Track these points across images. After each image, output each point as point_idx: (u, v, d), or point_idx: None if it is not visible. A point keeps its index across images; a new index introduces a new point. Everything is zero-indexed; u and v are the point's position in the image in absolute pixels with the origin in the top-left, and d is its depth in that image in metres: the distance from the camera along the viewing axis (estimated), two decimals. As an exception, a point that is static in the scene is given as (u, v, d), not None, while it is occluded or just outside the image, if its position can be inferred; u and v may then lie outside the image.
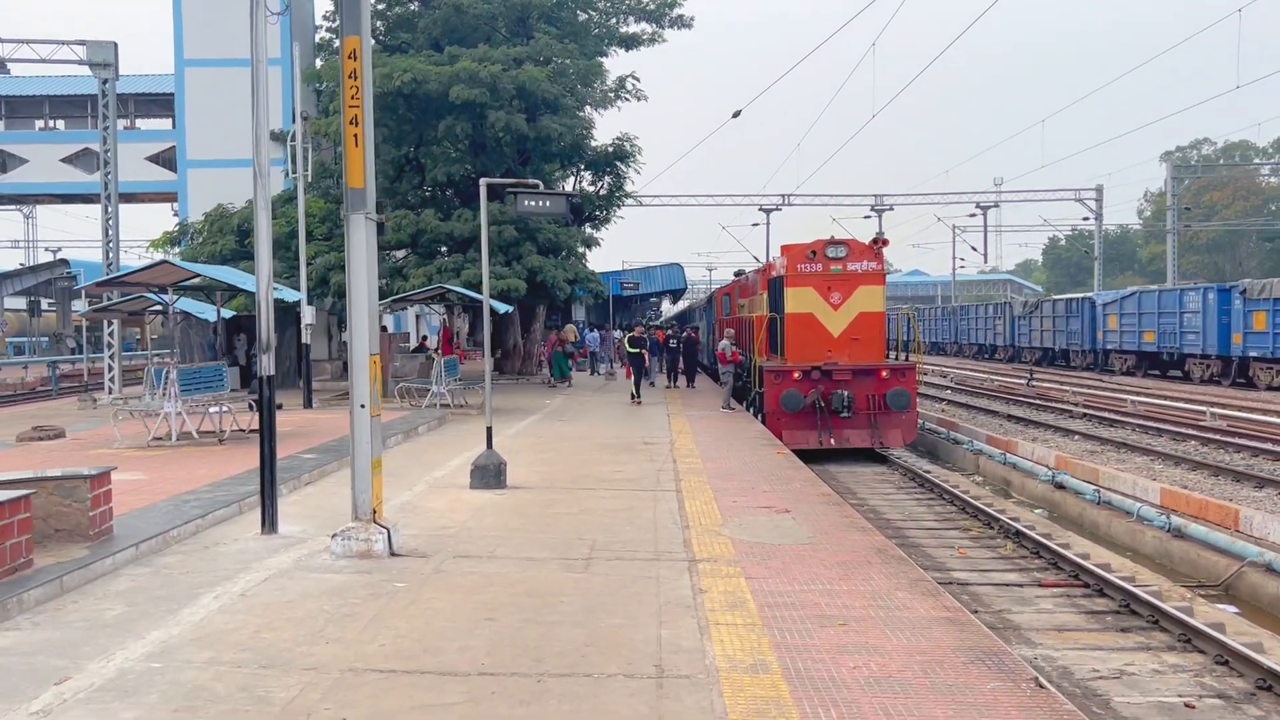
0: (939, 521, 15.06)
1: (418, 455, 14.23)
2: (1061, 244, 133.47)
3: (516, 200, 10.71)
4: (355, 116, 7.83)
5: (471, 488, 10.97)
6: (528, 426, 18.35)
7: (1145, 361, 40.33)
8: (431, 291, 21.44)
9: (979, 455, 20.25)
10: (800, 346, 20.96)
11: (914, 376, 21.11)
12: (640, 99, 30.10)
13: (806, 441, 20.28)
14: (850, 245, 21.25)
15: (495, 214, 26.34)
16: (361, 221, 7.88)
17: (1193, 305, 36.12)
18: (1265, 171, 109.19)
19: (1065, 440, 21.37)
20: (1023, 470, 18.03)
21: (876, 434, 20.57)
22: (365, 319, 7.82)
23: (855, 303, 20.96)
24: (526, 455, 14.12)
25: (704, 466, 13.09)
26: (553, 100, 26.57)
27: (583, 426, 18.44)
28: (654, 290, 54.10)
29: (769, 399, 20.66)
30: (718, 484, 11.60)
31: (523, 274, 26.25)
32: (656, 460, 13.66)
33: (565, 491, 11.02)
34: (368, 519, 7.85)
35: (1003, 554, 12.94)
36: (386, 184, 30.24)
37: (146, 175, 34.44)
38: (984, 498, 16.74)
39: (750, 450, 15.00)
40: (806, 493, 11.14)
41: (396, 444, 15.32)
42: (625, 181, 31.08)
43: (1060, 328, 47.64)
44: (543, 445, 15.42)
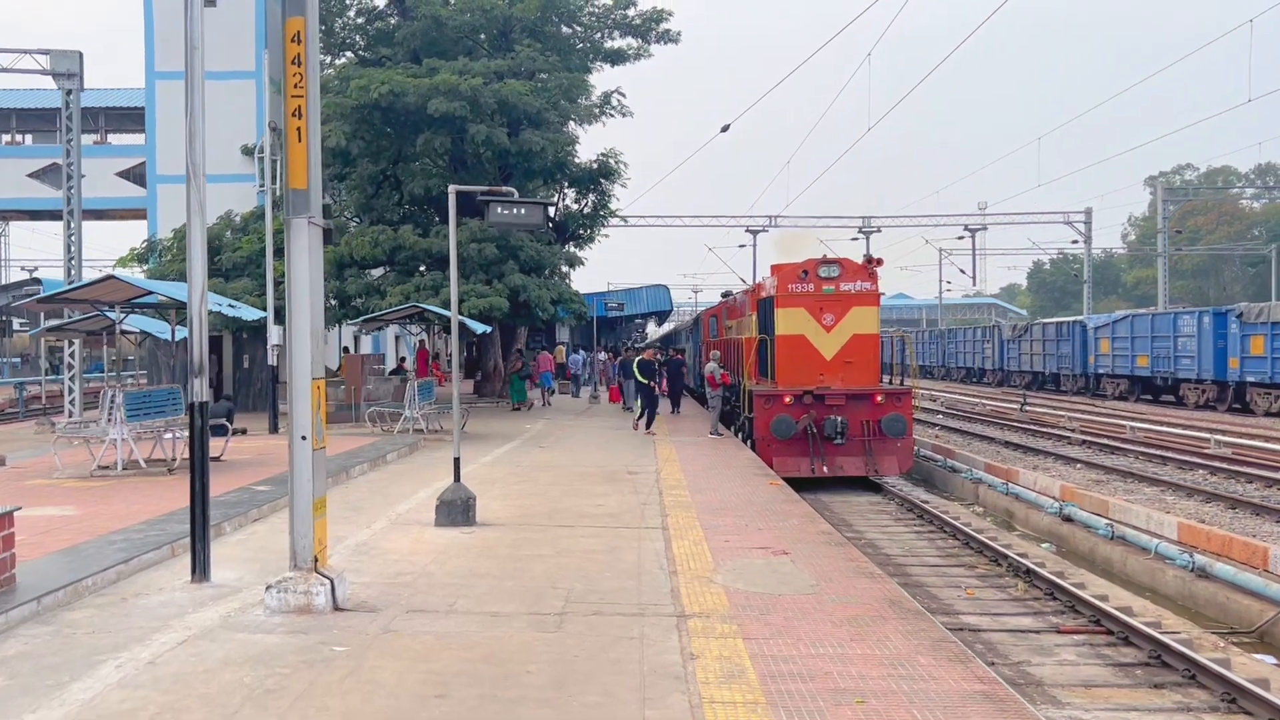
0: (942, 557, 14.11)
1: (383, 486, 13.18)
2: (1046, 268, 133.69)
3: (489, 209, 9.76)
4: (299, 108, 6.88)
5: (437, 525, 9.96)
6: (505, 454, 17.33)
7: (1138, 386, 39.63)
8: (406, 310, 20.45)
9: (978, 484, 19.33)
10: (791, 369, 20.06)
11: (910, 401, 20.22)
12: (626, 115, 29.34)
13: (798, 469, 19.36)
14: (843, 265, 20.40)
15: (476, 231, 25.43)
16: (304, 227, 6.91)
17: (1187, 329, 35.45)
18: (1249, 195, 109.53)
19: (1068, 469, 20.49)
20: (1026, 501, 17.11)
21: (871, 462, 19.65)
22: (307, 338, 6.83)
23: (848, 324, 20.09)
24: (501, 486, 13.11)
25: (692, 499, 12.10)
26: (535, 114, 25.71)
27: (563, 453, 17.44)
28: (639, 312, 53.21)
29: (759, 424, 19.71)
30: (708, 520, 10.62)
31: (504, 293, 25.29)
32: (641, 492, 12.67)
33: (540, 529, 10.02)
34: (308, 568, 6.83)
35: (1014, 595, 11.99)
36: (364, 199, 29.30)
37: (117, 191, 33.38)
38: (987, 531, 15.81)
39: (741, 481, 14.03)
40: (805, 530, 10.17)
41: (362, 474, 14.27)
42: (610, 199, 30.22)
43: (1050, 351, 46.98)
44: (519, 475, 14.41)
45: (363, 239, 25.84)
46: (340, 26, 30.71)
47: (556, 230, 30.40)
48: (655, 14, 29.78)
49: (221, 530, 9.61)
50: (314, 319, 6.90)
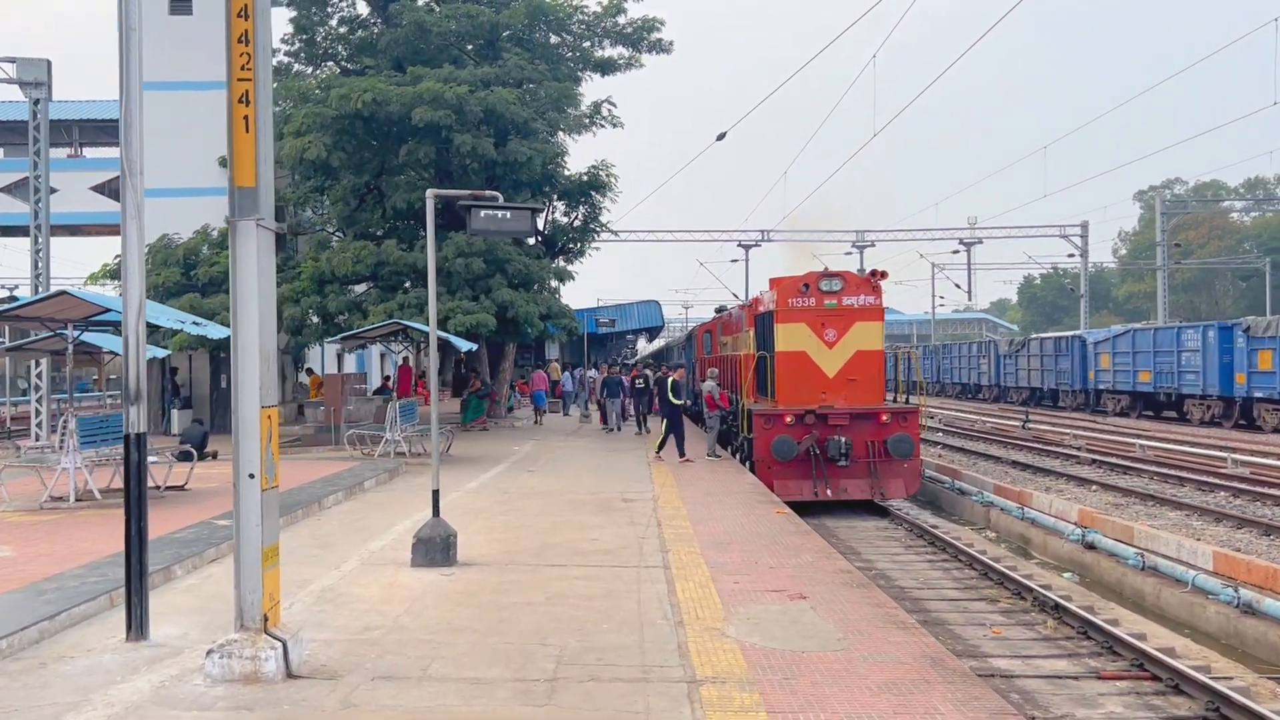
0: (960, 590, 13.16)
1: (358, 518, 12.17)
2: (1036, 282, 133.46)
3: (471, 216, 8.83)
4: (246, 93, 5.94)
5: (414, 566, 8.96)
6: (491, 479, 16.33)
7: (1140, 402, 38.84)
8: (388, 328, 19.45)
9: (989, 508, 18.41)
10: (792, 388, 19.14)
11: (916, 421, 19.30)
12: (616, 125, 28.47)
13: (800, 493, 18.41)
14: (846, 278, 19.52)
15: (462, 245, 24.48)
16: (252, 231, 5.96)
17: (1191, 344, 34.68)
18: (1239, 207, 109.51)
19: (1082, 490, 19.57)
20: (1044, 527, 16.19)
21: (877, 484, 18.72)
22: (255, 360, 5.86)
23: (852, 340, 19.19)
24: (485, 518, 12.11)
25: (694, 531, 11.13)
26: (523, 124, 24.81)
27: (553, 478, 16.45)
28: (630, 328, 52.30)
29: (759, 445, 18.77)
30: (713, 556, 9.65)
31: (492, 309, 24.32)
32: (638, 523, 11.69)
33: (528, 569, 9.02)
34: (256, 628, 5.84)
35: (1044, 633, 11.04)
36: (348, 212, 28.30)
37: (93, 206, 32.32)
38: (1004, 559, 14.88)
39: (745, 509, 13.06)
40: (821, 568, 9.21)
41: (336, 504, 13.25)
42: (600, 212, 29.30)
43: (1049, 367, 46.20)
44: (506, 503, 13.41)
45: (344, 255, 24.85)
46: (322, 37, 29.83)
47: (545, 244, 29.48)
48: (646, 23, 28.96)
49: (171, 574, 8.61)
50: (264, 337, 5.93)
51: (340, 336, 20.26)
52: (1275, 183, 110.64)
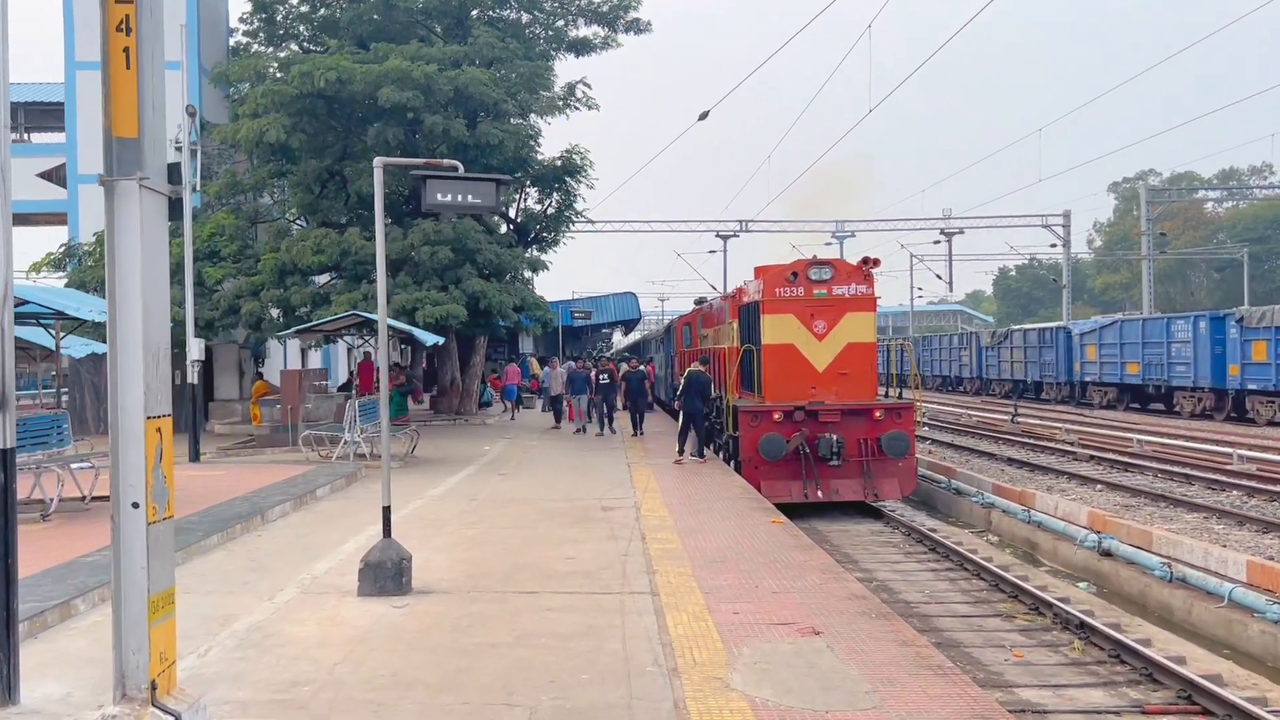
0: (969, 603, 12.05)
1: (305, 533, 10.89)
2: (1012, 275, 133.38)
3: (425, 190, 7.58)
4: (126, 18, 4.67)
5: (361, 595, 7.71)
6: (459, 484, 15.07)
7: (1127, 394, 38.09)
8: (346, 320, 18.10)
9: (990, 510, 17.35)
10: (780, 383, 17.99)
11: (912, 417, 18.21)
12: (592, 108, 27.14)
13: (789, 494, 17.30)
14: (836, 266, 18.40)
15: (429, 233, 23.18)
16: (134, 193, 4.70)
17: (1182, 335, 33.90)
18: (1214, 197, 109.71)
19: (1087, 490, 18.56)
20: (1052, 531, 15.12)
21: (870, 484, 17.63)
22: (139, 359, 4.60)
23: (842, 332, 18.07)
24: (450, 531, 10.87)
25: (683, 546, 9.94)
26: (494, 106, 23.49)
27: (526, 482, 15.22)
28: (606, 320, 51.00)
29: (745, 444, 17.63)
30: (707, 578, 8.46)
31: (462, 299, 23.01)
32: (620, 536, 10.49)
33: (495, 598, 7.79)
34: (142, 698, 4.58)
35: (1071, 656, 9.93)
36: (310, 199, 26.88)
37: (40, 194, 30.66)
38: (1013, 567, 13.80)
39: (737, 517, 11.89)
40: (832, 592, 8.04)
41: (282, 515, 11.94)
42: (575, 199, 27.97)
43: (1033, 359, 45.42)
44: (473, 513, 12.16)
45: (304, 244, 23.45)
46: (283, 15, 28.37)
47: (518, 233, 28.18)
48: (622, 2, 27.71)
49: (72, 609, 7.31)
50: (151, 329, 4.67)
51: (295, 330, 18.90)
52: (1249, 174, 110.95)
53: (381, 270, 8.01)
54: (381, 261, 8.00)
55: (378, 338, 24.74)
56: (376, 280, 22.97)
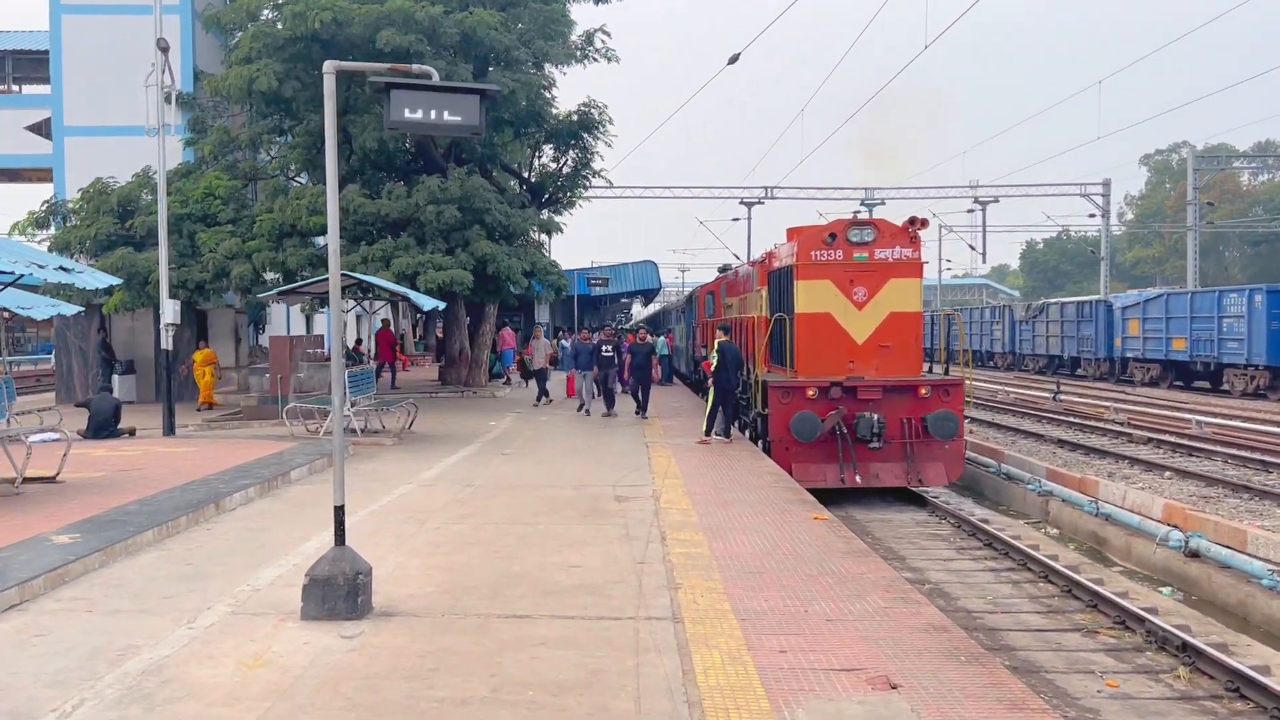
0: (1043, 615, 10.36)
1: (263, 528, 9.26)
2: (1039, 247, 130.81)
3: (390, 104, 5.90)
4: None
5: (305, 618, 6.08)
6: (455, 465, 13.44)
7: (1172, 371, 36.07)
8: None
9: (1047, 499, 15.60)
10: (815, 356, 16.27)
11: (961, 395, 16.45)
12: (612, 60, 25.21)
13: (823, 479, 15.65)
14: (879, 226, 16.58)
15: (435, 191, 21.47)
16: None
17: (1234, 309, 31.87)
18: (1251, 168, 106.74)
19: (1153, 477, 16.79)
20: (1124, 526, 13.37)
21: (914, 469, 15.94)
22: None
23: (885, 300, 16.33)
24: (434, 526, 9.23)
25: (710, 550, 8.27)
26: (505, 52, 21.66)
27: (531, 465, 13.57)
28: (625, 290, 49.17)
29: (775, 423, 15.95)
30: (742, 596, 6.79)
31: (470, 264, 21.30)
32: (635, 535, 8.83)
33: (475, 624, 6.13)
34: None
35: (1178, 688, 8.24)
36: (309, 156, 25.21)
37: (28, 148, 29.10)
38: (1083, 568, 12.09)
39: (772, 511, 10.20)
40: (901, 619, 6.35)
41: (243, 503, 10.32)
42: (593, 158, 26.13)
43: (1070, 333, 43.42)
44: (465, 503, 10.52)
45: (299, 202, 21.76)
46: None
47: (531, 193, 26.39)
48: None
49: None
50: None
51: (277, 291, 17.22)
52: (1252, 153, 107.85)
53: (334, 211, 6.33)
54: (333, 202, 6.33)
55: (394, 304, 23.00)
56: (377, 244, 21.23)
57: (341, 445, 6.45)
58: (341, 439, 6.49)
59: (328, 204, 6.48)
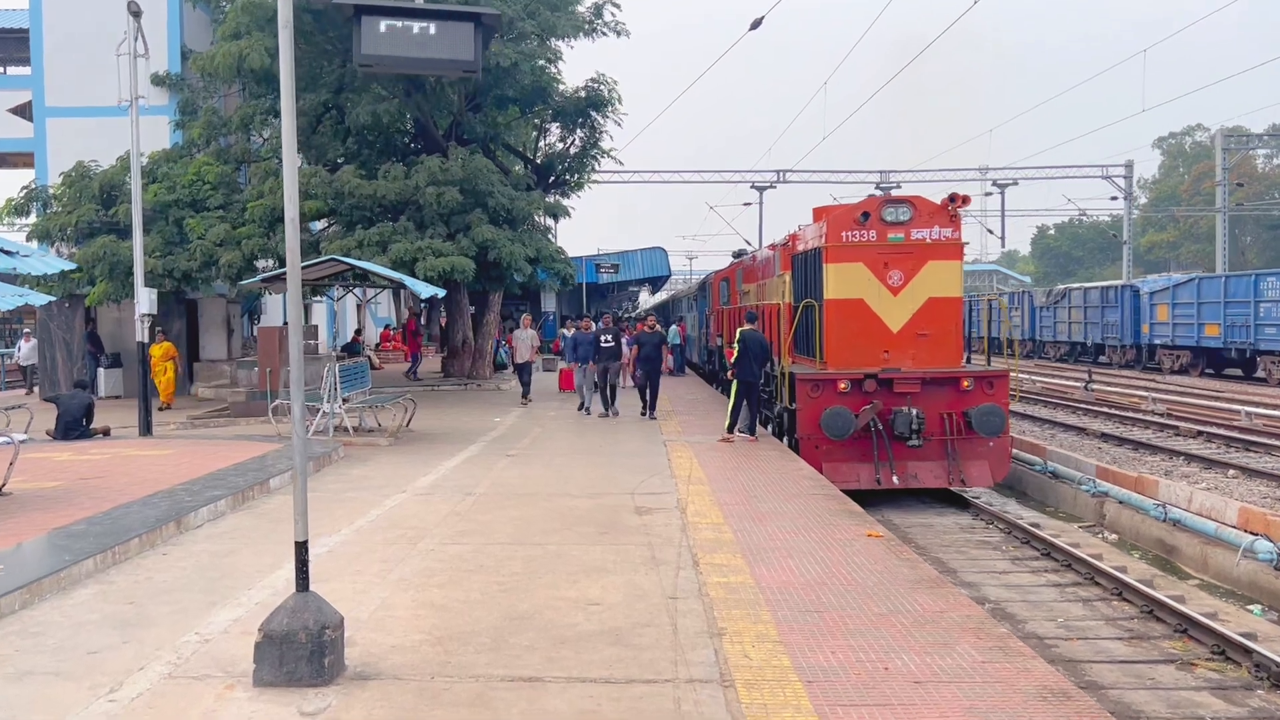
0: (1123, 639, 9.07)
1: (229, 551, 7.98)
2: (1051, 233, 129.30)
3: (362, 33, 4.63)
4: None
5: (257, 684, 4.81)
6: (455, 470, 12.15)
7: (1202, 359, 34.65)
8: (322, 268, 15.01)
9: (1103, 500, 14.29)
10: (846, 346, 14.99)
11: (1006, 388, 15.15)
12: (621, 33, 23.79)
13: (857, 479, 14.39)
14: (916, 204, 15.26)
15: (435, 172, 20.16)
16: None
17: (1272, 293, 30.50)
18: (1265, 153, 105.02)
19: (1215, 475, 15.46)
20: (1198, 533, 12.05)
21: (955, 468, 14.66)
22: None
23: (922, 284, 15.04)
24: (429, 548, 7.95)
25: (753, 577, 6.99)
26: (508, 24, 20.29)
27: (539, 468, 12.29)
28: (634, 278, 47.80)
29: (804, 419, 14.66)
30: (803, 647, 5.51)
31: (472, 249, 20.00)
32: (662, 558, 7.54)
33: (471, 696, 4.82)
34: None
35: (1309, 740, 6.96)
36: (301, 137, 23.90)
37: (12, 131, 27.84)
38: (1157, 582, 10.81)
39: (817, 524, 8.90)
40: (1007, 680, 5.06)
41: (212, 518, 9.03)
42: (601, 136, 24.76)
43: (1094, 319, 41.98)
44: (466, 516, 9.24)
45: (289, 183, 20.45)
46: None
47: (537, 175, 25.06)
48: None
49: None
50: None
51: (260, 279, 15.88)
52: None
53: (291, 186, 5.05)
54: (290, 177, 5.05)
55: (396, 292, 21.52)
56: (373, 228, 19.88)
57: (304, 464, 5.17)
58: (304, 455, 5.19)
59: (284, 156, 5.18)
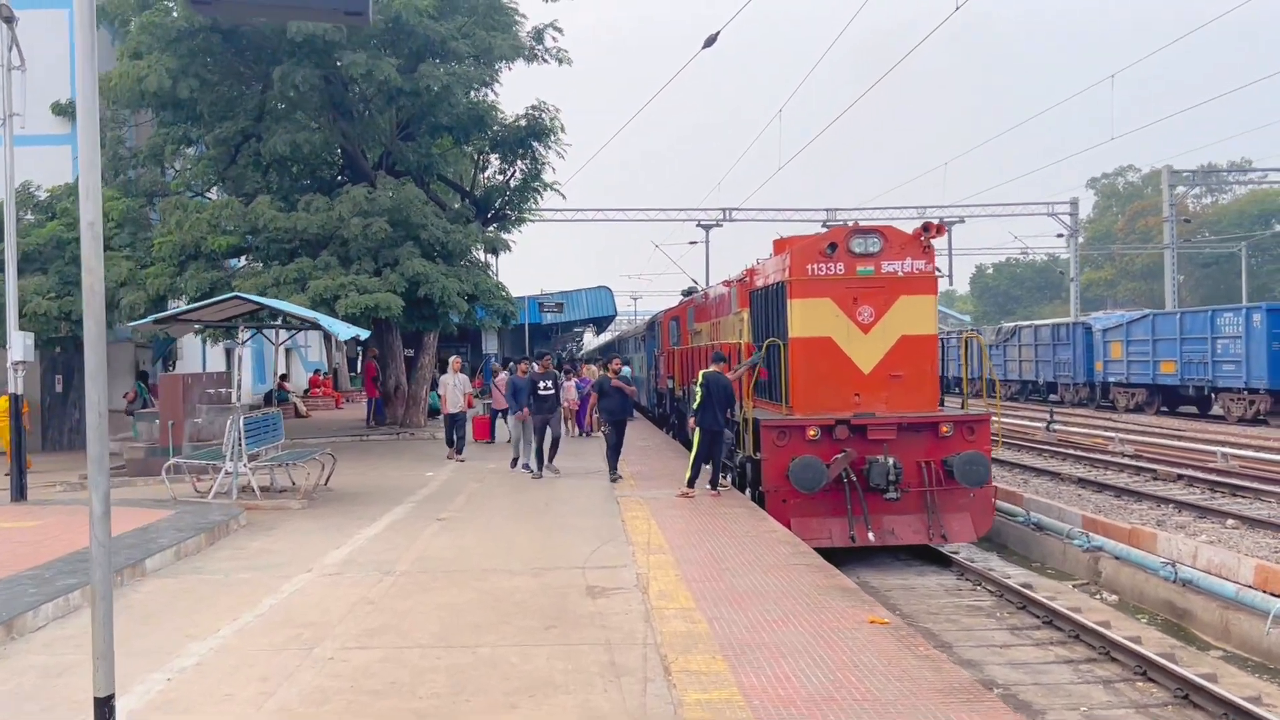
0: (1165, 734, 7.68)
1: (67, 665, 6.23)
2: (989, 272, 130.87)
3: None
4: None
5: None
6: (376, 538, 10.45)
7: (1158, 396, 34.03)
8: (223, 307, 13.18)
9: (1097, 555, 13.03)
10: (814, 388, 13.64)
11: (988, 433, 13.88)
12: (563, 61, 22.45)
13: (828, 536, 13.00)
14: (886, 235, 14.04)
15: (360, 202, 18.54)
16: None
17: (1229, 329, 29.94)
18: (1246, 180, 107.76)
19: (1213, 525, 14.30)
20: (1215, 596, 10.77)
21: (936, 522, 13.33)
22: None
23: (895, 321, 13.78)
24: (327, 655, 6.28)
25: (743, 694, 5.45)
26: (441, 44, 18.85)
27: (473, 534, 10.64)
28: (579, 318, 46.32)
29: (770, 470, 13.25)
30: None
31: (400, 285, 18.36)
32: (624, 667, 5.97)
33: None
34: None
35: None
36: (218, 170, 22.17)
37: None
38: (1179, 656, 9.47)
39: (807, 608, 7.39)
40: None
41: (53, 618, 7.22)
42: (543, 168, 23.31)
43: (1045, 357, 41.41)
44: (379, 606, 7.57)
45: (199, 217, 18.67)
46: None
47: (476, 208, 23.53)
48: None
49: None
50: None
51: (153, 318, 14.00)
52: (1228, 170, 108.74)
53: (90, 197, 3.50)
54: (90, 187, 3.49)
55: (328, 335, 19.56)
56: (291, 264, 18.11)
57: (107, 574, 3.53)
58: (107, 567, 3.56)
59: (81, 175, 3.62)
